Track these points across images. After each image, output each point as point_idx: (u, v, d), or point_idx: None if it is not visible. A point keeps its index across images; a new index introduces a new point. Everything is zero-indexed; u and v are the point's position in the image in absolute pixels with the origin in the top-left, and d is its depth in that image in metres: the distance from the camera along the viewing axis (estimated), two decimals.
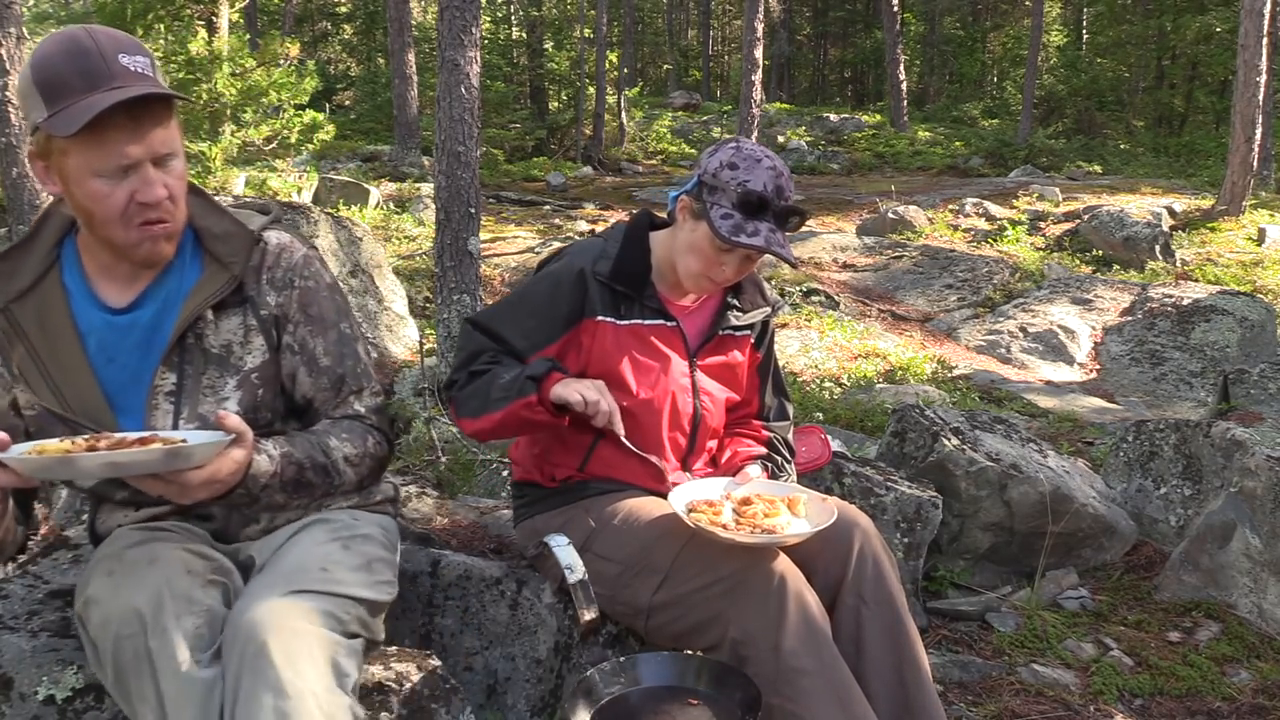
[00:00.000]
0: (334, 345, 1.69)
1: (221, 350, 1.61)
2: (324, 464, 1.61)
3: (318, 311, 1.68)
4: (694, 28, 34.97)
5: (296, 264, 1.67)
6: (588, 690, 1.63)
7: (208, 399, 1.60)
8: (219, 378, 1.60)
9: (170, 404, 1.58)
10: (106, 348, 1.58)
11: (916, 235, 11.19)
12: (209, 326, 1.60)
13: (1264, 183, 13.97)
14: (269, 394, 1.65)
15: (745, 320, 2.12)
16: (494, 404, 1.86)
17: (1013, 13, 28.67)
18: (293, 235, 1.72)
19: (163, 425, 1.57)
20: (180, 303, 1.59)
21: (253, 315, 1.63)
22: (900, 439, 3.27)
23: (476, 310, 5.18)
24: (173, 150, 1.48)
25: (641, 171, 18.98)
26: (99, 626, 1.43)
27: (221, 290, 1.59)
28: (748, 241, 1.85)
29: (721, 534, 1.72)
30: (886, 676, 1.80)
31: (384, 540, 1.73)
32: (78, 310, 1.58)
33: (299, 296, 1.66)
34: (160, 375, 1.57)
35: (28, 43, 5.90)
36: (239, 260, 1.61)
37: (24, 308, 1.57)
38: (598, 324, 1.97)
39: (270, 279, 1.65)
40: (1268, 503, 2.89)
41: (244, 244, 1.63)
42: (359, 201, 11.71)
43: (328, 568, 1.54)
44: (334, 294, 1.72)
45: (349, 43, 26.98)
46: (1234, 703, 2.46)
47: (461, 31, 5.01)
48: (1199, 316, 7.80)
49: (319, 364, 1.67)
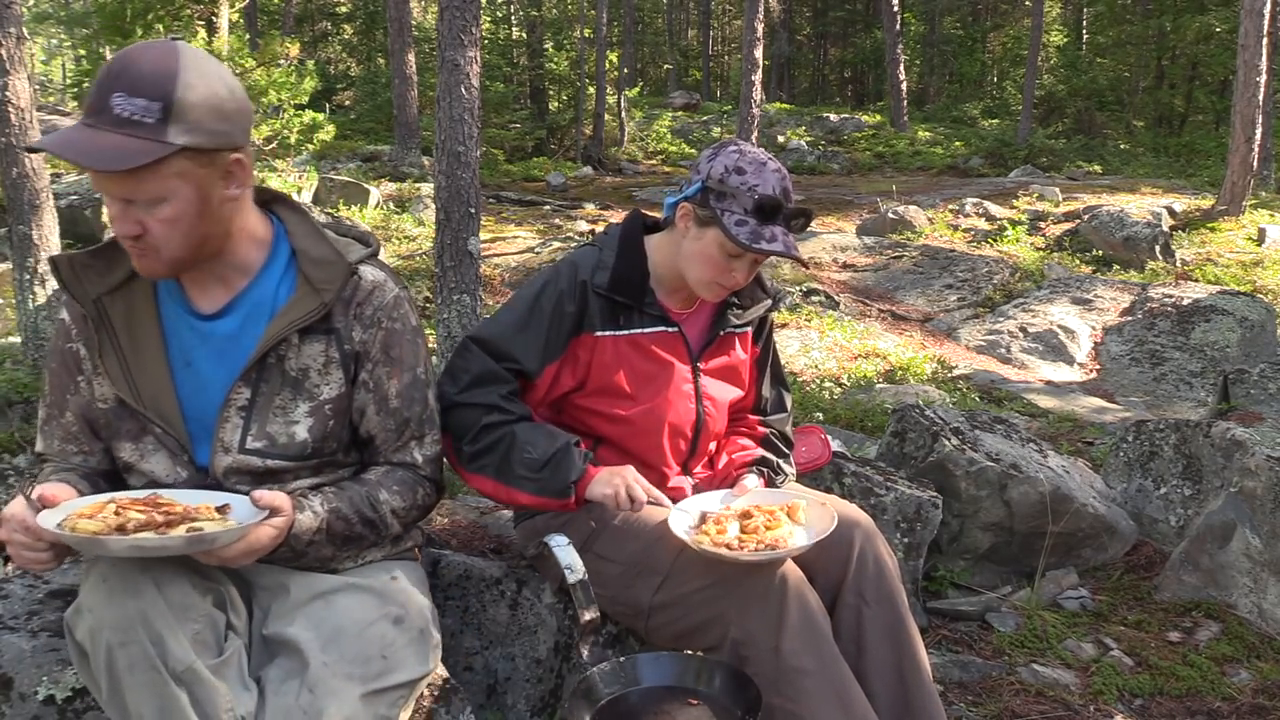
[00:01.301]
0: (406, 388, 1.69)
1: (299, 374, 1.62)
2: (372, 518, 1.64)
3: (399, 354, 1.68)
4: (694, 28, 34.97)
5: (387, 304, 1.67)
6: (588, 690, 1.63)
7: (277, 419, 1.61)
8: (291, 400, 1.61)
9: (241, 419, 1.59)
10: (185, 350, 1.61)
11: (916, 235, 11.19)
12: (292, 349, 1.61)
13: (1264, 183, 13.97)
14: (339, 426, 1.66)
15: (747, 317, 2.10)
16: (519, 483, 1.87)
17: (1013, 13, 28.67)
18: (387, 274, 1.72)
19: (231, 440, 1.59)
20: (265, 318, 1.60)
21: (335, 347, 1.63)
22: (900, 439, 3.27)
23: (476, 311, 5.18)
24: (150, 198, 1.46)
25: (641, 171, 18.97)
26: (88, 635, 1.40)
27: (310, 315, 1.59)
28: (767, 247, 1.84)
29: (726, 554, 1.71)
30: (887, 676, 1.80)
31: (423, 594, 1.71)
32: (165, 309, 1.62)
33: (383, 337, 1.66)
34: (236, 390, 1.59)
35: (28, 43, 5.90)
36: (332, 289, 1.61)
37: (115, 301, 1.61)
38: (596, 339, 1.96)
39: (359, 314, 1.65)
40: (1268, 503, 2.89)
41: (340, 274, 1.62)
42: (359, 202, 11.71)
43: (388, 654, 1.55)
44: (416, 337, 1.72)
45: (349, 43, 26.97)
46: (1234, 703, 2.46)
47: (461, 31, 5.01)
48: (1199, 316, 7.79)
49: (389, 405, 1.68)
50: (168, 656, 1.37)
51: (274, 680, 1.50)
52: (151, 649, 1.37)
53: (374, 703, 1.51)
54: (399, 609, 1.61)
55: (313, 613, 1.57)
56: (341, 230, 1.75)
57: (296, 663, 1.50)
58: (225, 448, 1.59)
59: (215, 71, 1.49)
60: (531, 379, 1.96)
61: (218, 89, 1.47)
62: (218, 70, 1.50)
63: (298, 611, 1.57)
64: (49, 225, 5.88)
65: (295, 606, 1.58)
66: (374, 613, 1.59)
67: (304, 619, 1.56)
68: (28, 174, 5.72)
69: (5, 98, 5.55)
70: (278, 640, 1.55)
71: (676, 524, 1.81)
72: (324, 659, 1.50)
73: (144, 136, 1.41)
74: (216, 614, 1.47)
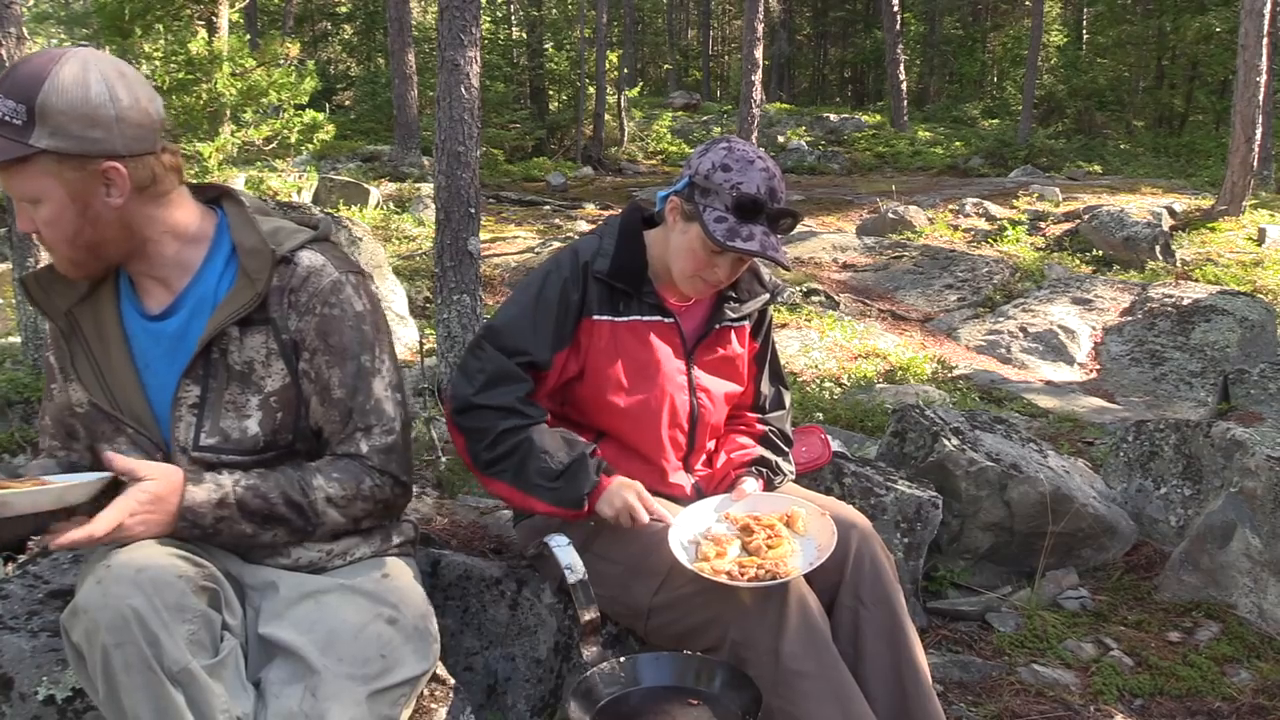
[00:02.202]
0: (350, 378, 1.64)
1: (244, 367, 1.61)
2: (300, 502, 1.60)
3: (338, 341, 1.63)
4: (694, 28, 34.98)
5: (323, 289, 1.63)
6: (588, 691, 1.63)
7: (229, 414, 1.61)
8: (240, 394, 1.61)
9: (194, 416, 1.60)
10: (144, 353, 1.64)
11: (916, 235, 11.19)
12: (233, 342, 1.60)
13: (1264, 183, 13.96)
14: (289, 417, 1.64)
15: (744, 310, 2.09)
16: (535, 491, 1.87)
17: (1013, 13, 28.67)
18: (333, 258, 1.67)
19: (186, 438, 1.60)
20: (208, 314, 1.61)
21: (273, 338, 1.62)
22: (900, 439, 3.27)
23: (476, 311, 5.18)
24: (30, 197, 1.51)
25: (641, 171, 18.98)
26: (84, 636, 1.40)
27: (246, 307, 1.58)
28: (742, 246, 1.83)
29: (726, 583, 1.71)
30: (885, 678, 1.80)
31: (417, 591, 1.70)
32: (125, 314, 1.65)
33: (319, 324, 1.63)
34: (184, 387, 1.60)
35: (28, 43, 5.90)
36: (262, 279, 1.60)
37: (84, 311, 1.65)
38: (595, 323, 1.96)
39: (294, 302, 1.62)
40: (1268, 503, 2.89)
41: (267, 261, 1.61)
42: (359, 201, 11.71)
43: (386, 654, 1.55)
44: (360, 323, 1.66)
45: (349, 43, 26.98)
46: (1234, 703, 2.46)
47: (461, 31, 5.01)
48: (1199, 316, 7.79)
49: (332, 395, 1.64)
50: (163, 657, 1.37)
51: (274, 684, 1.50)
52: (147, 650, 1.36)
53: (377, 703, 1.51)
54: (391, 609, 1.61)
55: (304, 614, 1.56)
56: (290, 217, 1.74)
57: (297, 666, 1.50)
58: (182, 447, 1.60)
59: (103, 80, 1.48)
60: (544, 369, 1.95)
61: (94, 97, 1.47)
62: (109, 79, 1.49)
63: (288, 611, 1.57)
64: None
65: (285, 605, 1.58)
66: (367, 614, 1.58)
67: (295, 620, 1.55)
68: None
69: None
70: (273, 642, 1.54)
71: (676, 544, 1.79)
72: (324, 662, 1.50)
73: (8, 136, 1.46)
74: (212, 614, 1.47)
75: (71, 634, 1.43)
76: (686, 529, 1.87)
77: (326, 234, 1.73)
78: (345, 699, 1.48)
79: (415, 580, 1.74)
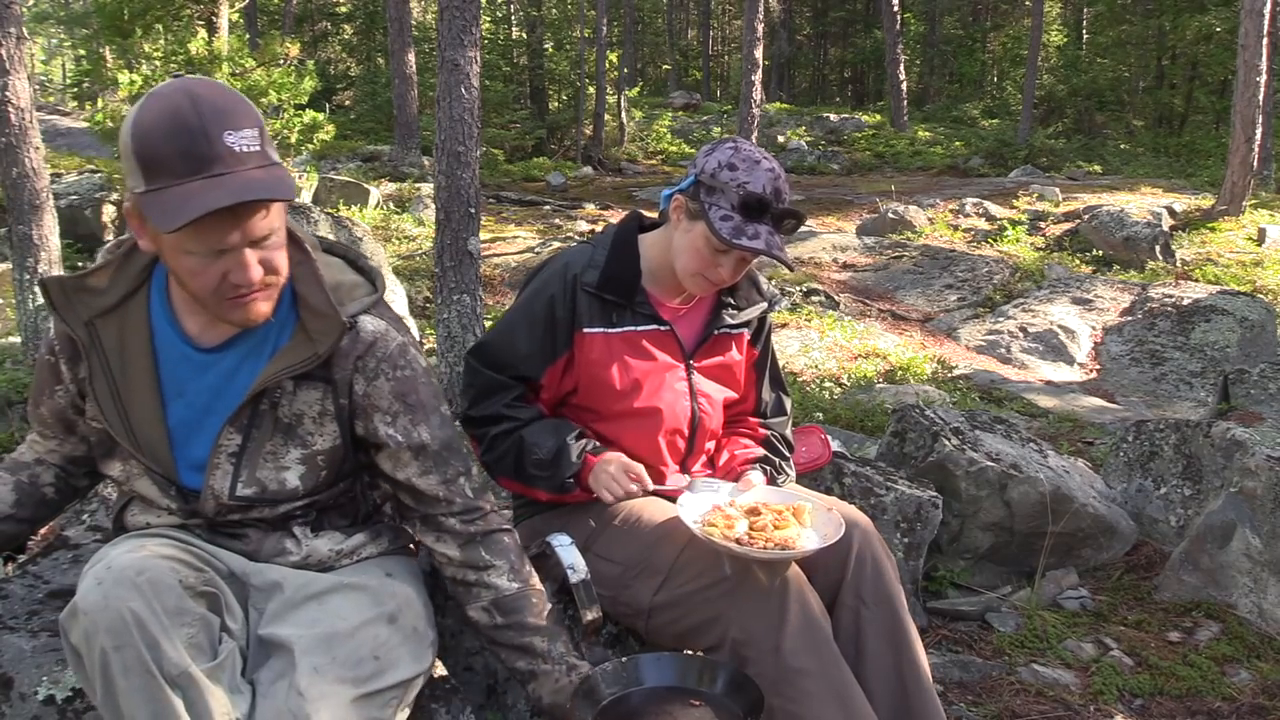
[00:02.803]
0: (438, 429, 1.65)
1: (292, 420, 1.57)
2: (538, 605, 1.69)
3: (417, 400, 1.63)
4: (694, 28, 34.97)
5: (391, 354, 1.61)
6: (589, 691, 1.63)
7: (268, 465, 1.57)
8: (282, 446, 1.58)
9: (231, 465, 1.56)
10: (178, 380, 1.56)
11: (916, 235, 11.19)
12: (286, 395, 1.56)
13: (1264, 183, 13.96)
14: (331, 475, 1.63)
15: (741, 318, 2.10)
16: (533, 481, 1.94)
17: (1013, 13, 28.66)
18: (389, 320, 1.65)
19: (221, 488, 1.56)
20: (265, 358, 1.55)
21: (331, 399, 1.58)
22: (900, 439, 3.27)
23: (476, 311, 5.18)
24: (273, 230, 1.44)
25: (641, 171, 18.98)
26: (83, 639, 1.39)
27: (305, 365, 1.54)
28: (748, 244, 1.84)
29: (736, 549, 1.71)
30: (886, 678, 1.80)
31: (419, 591, 1.71)
32: (159, 336, 1.56)
33: (394, 388, 1.60)
34: (226, 435, 1.54)
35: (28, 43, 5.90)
36: (326, 343, 1.54)
37: (107, 325, 1.55)
38: (587, 336, 1.97)
39: (360, 367, 1.59)
40: (1268, 503, 2.89)
41: (334, 329, 1.55)
42: (359, 201, 11.71)
43: (380, 655, 1.54)
44: (429, 379, 1.67)
45: (349, 43, 26.95)
46: (1234, 703, 2.46)
47: (461, 31, 5.01)
48: (1199, 316, 7.80)
49: (428, 450, 1.63)
50: (162, 661, 1.37)
51: (264, 682, 1.49)
52: (146, 653, 1.36)
53: (365, 706, 1.50)
54: (393, 607, 1.61)
55: (306, 613, 1.56)
56: (351, 259, 1.69)
57: (286, 664, 1.50)
58: (215, 495, 1.57)
59: None
60: (536, 382, 1.98)
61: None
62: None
63: (291, 612, 1.56)
64: (49, 225, 5.88)
65: (289, 606, 1.57)
66: (368, 612, 1.58)
67: (297, 619, 1.55)
68: (28, 174, 5.71)
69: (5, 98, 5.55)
70: (271, 641, 1.54)
71: (686, 514, 1.81)
72: (315, 661, 1.49)
73: (267, 164, 1.39)
74: (211, 617, 1.46)
75: (70, 635, 1.43)
76: (696, 508, 1.87)
77: (381, 294, 1.68)
78: (332, 700, 1.47)
79: (418, 581, 1.74)
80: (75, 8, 24.71)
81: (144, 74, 10.05)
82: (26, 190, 5.81)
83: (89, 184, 10.06)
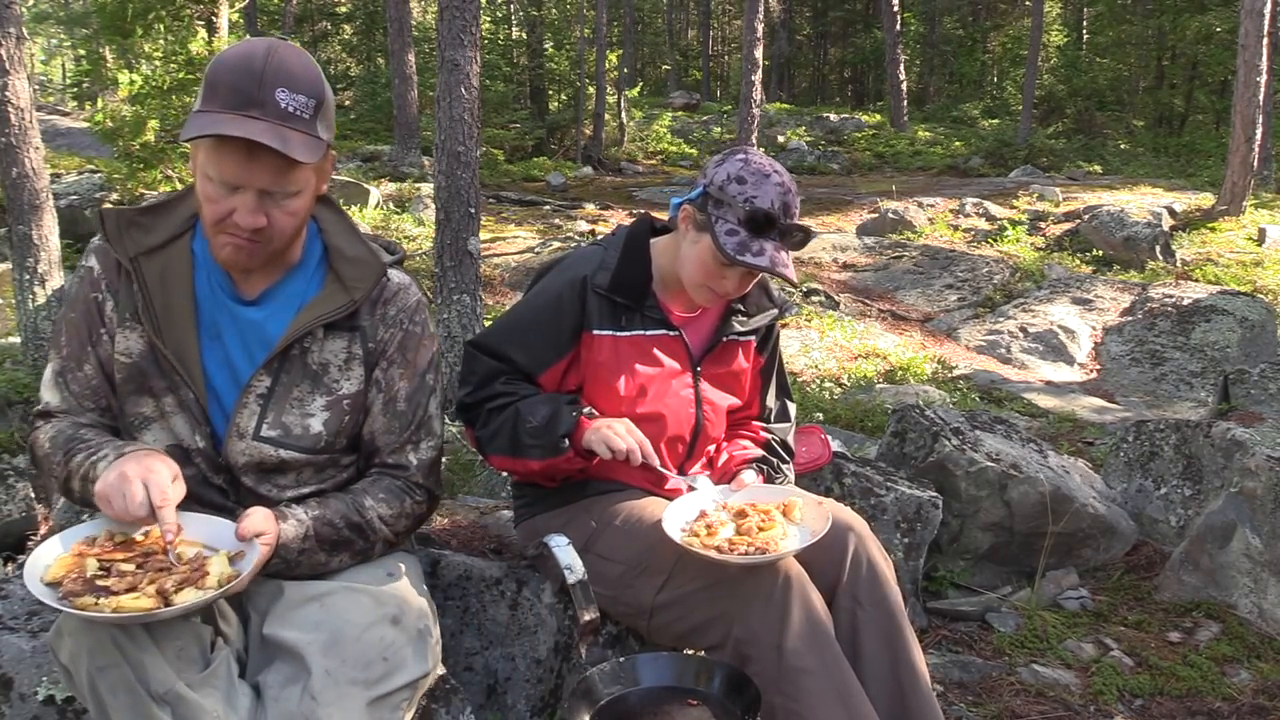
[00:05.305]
0: (414, 392, 1.73)
1: (319, 368, 1.65)
2: (359, 522, 1.65)
3: (413, 356, 1.73)
4: (694, 28, 34.96)
5: (410, 306, 1.73)
6: (587, 691, 1.63)
7: (293, 410, 1.64)
8: (309, 393, 1.65)
9: (259, 405, 1.62)
10: (216, 324, 1.63)
11: (916, 235, 11.19)
12: (316, 343, 1.64)
13: (1264, 183, 13.96)
14: (353, 421, 1.69)
15: (751, 325, 2.09)
16: (527, 451, 1.89)
17: (1013, 13, 28.65)
18: (412, 279, 1.77)
19: (247, 426, 1.61)
20: (293, 311, 1.64)
21: (359, 344, 1.67)
22: (900, 439, 3.27)
23: (476, 311, 5.19)
24: (291, 190, 1.52)
25: (641, 171, 18.97)
26: (70, 659, 1.41)
27: (339, 311, 1.64)
28: (752, 261, 1.83)
29: (715, 557, 1.71)
30: (883, 679, 1.80)
31: (420, 592, 1.71)
32: (199, 280, 1.63)
33: (402, 338, 1.71)
34: (258, 377, 1.62)
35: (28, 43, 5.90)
36: (363, 288, 1.66)
37: (150, 262, 1.62)
38: (595, 337, 1.96)
39: (383, 315, 1.70)
40: (1268, 503, 2.89)
41: (373, 273, 1.67)
42: (359, 201, 11.71)
43: (389, 657, 1.55)
44: (431, 345, 1.77)
45: (349, 43, 26.94)
46: (1234, 703, 2.46)
47: (461, 31, 5.01)
48: (1199, 316, 7.80)
49: (395, 406, 1.71)
50: (148, 680, 1.37)
51: (274, 685, 1.49)
52: (131, 673, 1.37)
53: (378, 708, 1.51)
54: (396, 609, 1.61)
55: (309, 615, 1.56)
56: (369, 238, 1.79)
57: (297, 668, 1.50)
58: (240, 433, 1.61)
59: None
60: (534, 380, 1.97)
61: (327, 85, 1.55)
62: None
63: (293, 613, 1.57)
64: (49, 225, 5.89)
65: (291, 608, 1.58)
66: (372, 614, 1.58)
67: (301, 621, 1.55)
68: (28, 174, 5.72)
69: (5, 98, 5.55)
70: (276, 643, 1.54)
71: (670, 524, 1.81)
72: (326, 665, 1.49)
73: (307, 132, 1.48)
74: (201, 627, 1.47)
75: (59, 655, 1.44)
76: (682, 513, 1.88)
77: (403, 259, 1.81)
78: (347, 705, 1.47)
79: (419, 581, 1.74)
80: (75, 8, 24.71)
81: (144, 74, 10.05)
82: (26, 190, 5.81)
83: (89, 184, 10.07)
